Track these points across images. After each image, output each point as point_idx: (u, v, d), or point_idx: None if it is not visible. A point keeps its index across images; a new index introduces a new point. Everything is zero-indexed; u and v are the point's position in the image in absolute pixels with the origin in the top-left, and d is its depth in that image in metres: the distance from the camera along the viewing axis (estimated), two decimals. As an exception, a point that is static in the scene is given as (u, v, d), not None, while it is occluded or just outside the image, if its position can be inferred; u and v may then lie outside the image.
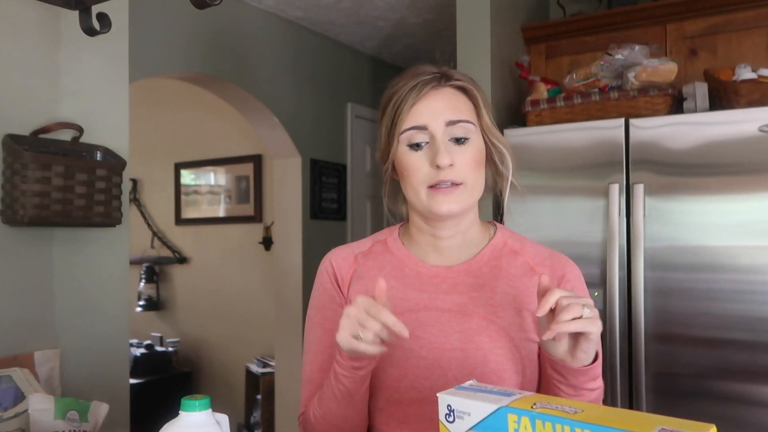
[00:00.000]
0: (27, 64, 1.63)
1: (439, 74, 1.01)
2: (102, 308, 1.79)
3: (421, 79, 1.00)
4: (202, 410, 0.80)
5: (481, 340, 0.97)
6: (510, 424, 0.64)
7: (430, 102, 0.99)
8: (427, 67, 1.03)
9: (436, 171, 0.97)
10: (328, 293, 1.09)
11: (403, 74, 1.03)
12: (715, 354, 1.85)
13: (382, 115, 1.04)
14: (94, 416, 1.39)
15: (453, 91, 1.01)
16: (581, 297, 0.84)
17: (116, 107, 1.84)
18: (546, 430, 0.62)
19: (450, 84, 1.01)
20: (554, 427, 0.61)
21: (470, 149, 1.00)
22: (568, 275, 1.03)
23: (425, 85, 0.99)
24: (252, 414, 4.02)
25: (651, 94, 2.06)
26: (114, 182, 1.71)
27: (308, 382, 1.07)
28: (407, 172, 1.00)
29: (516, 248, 1.06)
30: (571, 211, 2.09)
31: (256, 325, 4.16)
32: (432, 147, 0.98)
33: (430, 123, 0.98)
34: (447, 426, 0.69)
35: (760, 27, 2.22)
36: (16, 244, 1.60)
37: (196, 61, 2.89)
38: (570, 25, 2.52)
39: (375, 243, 1.11)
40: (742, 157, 1.85)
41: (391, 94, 1.02)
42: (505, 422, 0.65)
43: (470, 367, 0.96)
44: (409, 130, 0.99)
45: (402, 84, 1.01)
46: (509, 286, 1.01)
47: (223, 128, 4.34)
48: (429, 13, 3.31)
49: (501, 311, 0.99)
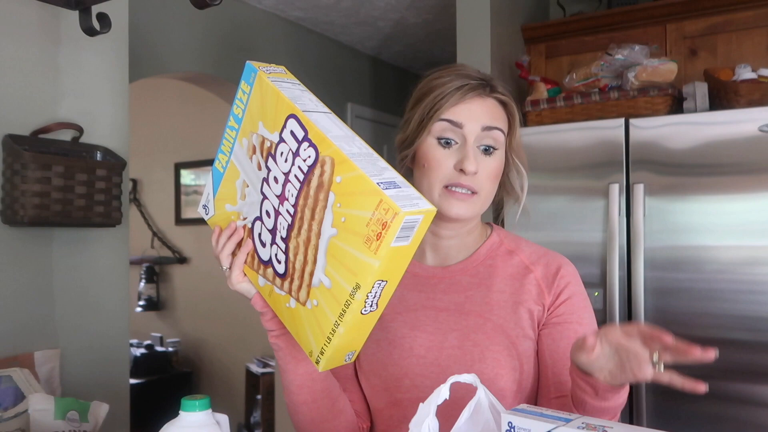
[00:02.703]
0: (27, 64, 1.63)
1: (485, 82, 1.02)
2: (102, 308, 1.79)
3: (469, 82, 1.00)
4: (202, 410, 0.80)
5: (478, 338, 0.98)
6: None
7: (472, 105, 0.99)
8: (472, 70, 1.04)
9: (458, 174, 0.97)
10: None
11: (448, 69, 1.03)
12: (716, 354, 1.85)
13: (415, 102, 1.03)
14: (94, 416, 1.39)
15: (494, 102, 1.02)
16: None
17: (116, 107, 1.84)
18: None
19: (493, 95, 1.02)
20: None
21: (495, 161, 1.01)
22: (562, 271, 1.03)
23: (471, 90, 0.99)
24: (252, 414, 4.02)
25: (651, 94, 2.06)
26: (114, 182, 1.71)
27: None
28: (429, 165, 0.99)
29: (511, 248, 1.07)
30: (571, 211, 2.09)
31: (256, 325, 4.12)
32: (461, 150, 0.98)
33: (467, 123, 0.98)
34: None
35: (760, 27, 2.22)
36: (16, 244, 1.60)
37: (196, 61, 2.89)
38: (570, 25, 2.52)
39: None
40: (742, 157, 1.85)
41: (434, 86, 1.01)
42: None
43: (468, 365, 0.97)
44: (444, 121, 0.98)
45: (448, 80, 1.01)
46: (505, 284, 1.02)
47: (223, 128, 4.34)
48: (429, 13, 3.31)
49: (497, 309, 1.00)
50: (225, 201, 0.94)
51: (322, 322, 0.81)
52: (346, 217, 0.76)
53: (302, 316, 0.84)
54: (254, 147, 0.87)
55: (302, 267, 0.82)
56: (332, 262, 0.78)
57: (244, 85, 0.88)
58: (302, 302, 0.83)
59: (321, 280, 0.80)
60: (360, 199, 0.74)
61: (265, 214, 0.87)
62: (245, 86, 0.87)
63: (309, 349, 0.83)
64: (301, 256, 0.82)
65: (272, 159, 0.84)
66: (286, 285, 0.85)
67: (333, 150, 0.77)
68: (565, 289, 1.01)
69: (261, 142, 0.86)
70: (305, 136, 0.80)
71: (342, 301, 0.77)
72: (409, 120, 1.03)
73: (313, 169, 0.79)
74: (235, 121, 0.90)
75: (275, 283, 0.87)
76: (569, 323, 1.00)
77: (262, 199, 0.87)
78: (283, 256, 0.85)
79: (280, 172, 0.83)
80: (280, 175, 0.83)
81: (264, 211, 0.87)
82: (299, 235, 0.82)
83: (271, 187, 0.85)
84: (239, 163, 0.90)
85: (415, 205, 0.73)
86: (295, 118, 0.81)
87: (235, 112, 0.90)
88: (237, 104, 0.89)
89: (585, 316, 1.02)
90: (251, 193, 0.89)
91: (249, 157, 0.88)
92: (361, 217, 0.74)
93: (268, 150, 0.85)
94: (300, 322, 0.84)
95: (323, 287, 0.80)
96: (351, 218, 0.75)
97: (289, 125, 0.82)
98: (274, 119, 0.84)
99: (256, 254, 0.89)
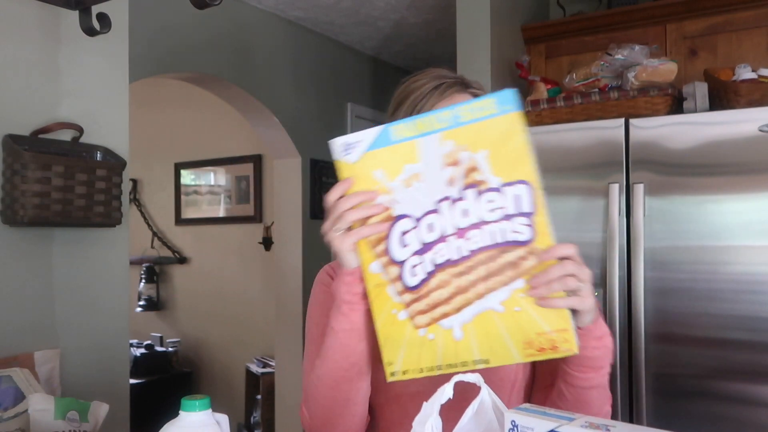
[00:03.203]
0: (27, 64, 1.63)
1: (459, 79, 1.04)
2: (102, 308, 1.79)
3: (445, 80, 1.02)
4: (202, 410, 0.80)
5: None
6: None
7: (452, 101, 1.01)
8: (445, 71, 1.06)
9: None
10: (325, 296, 1.06)
11: (423, 72, 1.05)
12: (715, 354, 1.85)
13: (395, 108, 1.04)
14: (94, 416, 1.39)
15: (470, 97, 1.03)
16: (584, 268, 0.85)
17: (116, 107, 1.85)
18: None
19: (469, 90, 1.04)
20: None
21: None
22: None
23: (449, 87, 1.02)
24: (252, 414, 4.02)
25: (651, 94, 2.06)
26: (114, 182, 1.71)
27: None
28: None
29: None
30: (571, 211, 2.09)
31: (256, 325, 4.16)
32: None
33: None
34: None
35: (760, 27, 2.23)
36: (16, 244, 1.60)
37: (196, 61, 2.89)
38: (570, 25, 2.52)
39: None
40: (742, 157, 1.85)
41: (412, 89, 1.03)
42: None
43: None
44: None
45: (425, 81, 1.02)
46: None
47: (223, 128, 4.35)
48: (429, 13, 3.31)
49: None
50: (378, 166, 0.83)
51: (425, 357, 0.81)
52: (522, 311, 0.78)
53: (405, 334, 0.82)
54: (457, 161, 0.81)
55: (439, 302, 0.81)
56: (477, 328, 0.80)
57: (494, 104, 0.80)
58: (416, 325, 0.81)
59: (453, 328, 0.80)
60: (547, 312, 0.78)
61: (426, 226, 0.82)
62: (493, 105, 0.80)
63: (390, 360, 0.82)
64: (444, 293, 0.80)
65: (475, 193, 0.80)
66: (407, 297, 0.82)
67: (548, 247, 0.79)
68: None
69: (471, 168, 0.80)
70: (529, 214, 0.79)
71: (462, 360, 0.80)
72: None
73: (518, 247, 0.79)
74: (452, 117, 0.81)
75: (396, 286, 0.82)
76: None
77: (431, 210, 0.81)
78: (423, 275, 0.81)
79: (476, 212, 0.80)
80: (473, 214, 0.80)
81: (427, 222, 0.81)
82: (458, 277, 0.80)
83: (452, 212, 0.81)
84: (425, 154, 0.82)
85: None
86: (529, 190, 0.80)
87: (461, 113, 0.81)
88: (471, 109, 0.81)
89: None
90: (420, 189, 0.82)
91: (443, 162, 0.81)
92: (537, 324, 0.79)
93: (476, 182, 0.80)
94: (399, 335, 0.82)
95: (450, 335, 0.80)
96: (526, 316, 0.78)
97: (518, 188, 0.80)
98: (504, 165, 0.80)
99: (387, 245, 0.83)
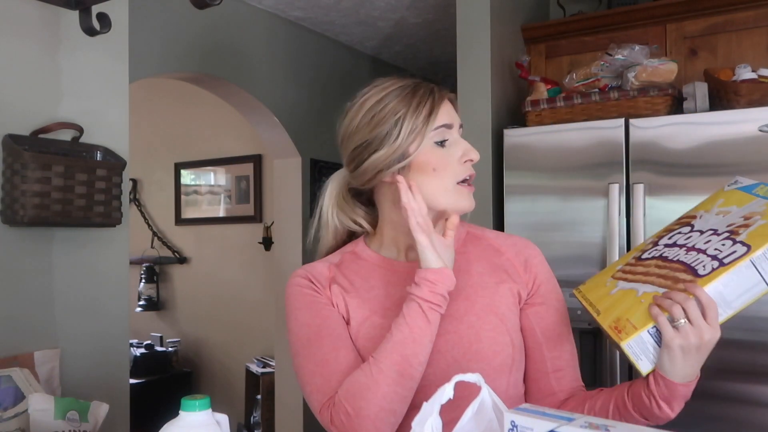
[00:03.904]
0: (27, 64, 1.63)
1: (433, 83, 1.06)
2: (102, 308, 1.79)
3: (431, 85, 1.04)
4: (202, 410, 0.80)
5: (470, 320, 1.01)
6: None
7: (448, 104, 1.05)
8: (395, 79, 1.07)
9: (465, 167, 1.02)
10: (309, 297, 1.05)
11: (393, 80, 1.06)
12: (715, 354, 1.85)
13: (381, 120, 1.03)
14: (94, 416, 1.39)
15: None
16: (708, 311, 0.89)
17: (116, 107, 1.84)
18: None
19: (448, 94, 1.07)
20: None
21: None
22: (532, 251, 1.09)
23: (441, 90, 1.04)
24: (252, 414, 4.02)
25: (651, 94, 2.06)
26: (114, 182, 1.71)
27: (333, 371, 1.00)
28: (439, 167, 1.01)
29: (478, 234, 1.12)
30: (571, 211, 2.09)
31: (256, 325, 4.16)
32: (459, 144, 1.03)
33: (454, 122, 1.04)
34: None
35: (760, 27, 2.22)
36: (16, 244, 1.60)
37: (196, 61, 2.89)
38: (570, 25, 2.52)
39: (344, 254, 1.11)
40: (742, 157, 1.85)
41: (403, 96, 1.02)
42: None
43: (465, 347, 0.99)
44: (441, 127, 1.02)
45: (413, 86, 1.03)
46: (482, 267, 1.07)
47: (223, 128, 4.34)
48: (429, 13, 3.31)
49: (481, 290, 1.04)
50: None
51: (596, 294, 0.98)
52: (641, 304, 0.90)
53: (606, 278, 0.99)
54: (750, 216, 0.95)
55: (632, 272, 0.96)
56: (623, 294, 0.93)
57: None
58: (613, 276, 0.97)
59: (618, 289, 0.96)
60: (643, 312, 0.89)
61: (683, 236, 0.99)
62: None
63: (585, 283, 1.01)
64: (640, 269, 0.96)
65: (726, 234, 0.92)
66: (631, 263, 0.98)
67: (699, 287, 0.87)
68: (540, 267, 1.08)
69: (744, 224, 0.93)
70: (723, 262, 0.87)
71: (597, 304, 0.96)
72: (383, 137, 1.02)
73: (691, 273, 0.89)
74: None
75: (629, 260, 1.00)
76: (551, 301, 1.06)
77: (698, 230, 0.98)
78: (647, 255, 0.98)
79: (702, 240, 0.93)
80: (700, 240, 0.93)
81: (686, 234, 0.99)
82: (655, 267, 0.94)
83: (699, 236, 0.96)
84: (748, 205, 1.03)
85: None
86: (744, 251, 0.88)
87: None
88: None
89: (559, 291, 1.10)
90: (711, 219, 1.01)
91: (745, 213, 0.98)
92: (635, 315, 0.90)
93: (736, 232, 0.91)
94: (604, 277, 1.00)
95: (613, 289, 0.96)
96: (638, 307, 0.90)
97: (739, 247, 0.89)
98: (757, 236, 0.89)
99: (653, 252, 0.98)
